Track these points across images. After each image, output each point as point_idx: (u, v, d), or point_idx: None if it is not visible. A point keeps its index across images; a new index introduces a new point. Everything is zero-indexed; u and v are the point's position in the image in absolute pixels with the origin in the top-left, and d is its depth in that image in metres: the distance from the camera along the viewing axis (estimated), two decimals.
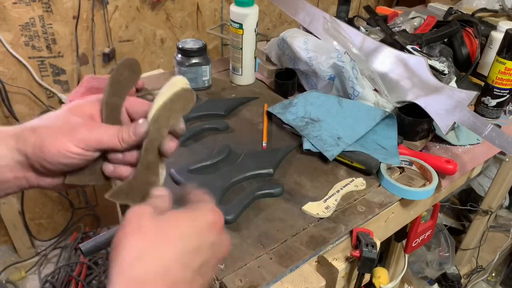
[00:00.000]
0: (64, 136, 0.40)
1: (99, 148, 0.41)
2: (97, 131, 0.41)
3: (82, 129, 0.41)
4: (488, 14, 1.24)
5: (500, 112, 0.97)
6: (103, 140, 0.41)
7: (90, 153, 0.41)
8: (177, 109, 0.41)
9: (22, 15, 1.26)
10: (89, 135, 0.40)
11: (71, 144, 0.40)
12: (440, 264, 1.38)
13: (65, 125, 0.41)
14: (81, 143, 0.40)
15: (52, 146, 0.39)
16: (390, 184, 0.73)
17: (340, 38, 0.92)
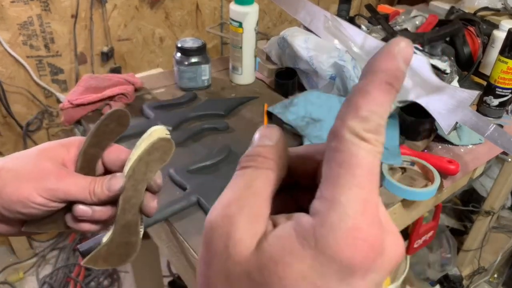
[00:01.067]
0: (29, 183, 0.36)
1: (65, 199, 0.37)
2: (67, 182, 0.37)
3: (51, 178, 0.36)
4: (490, 13, 1.24)
5: (503, 111, 0.96)
6: (71, 192, 0.37)
7: (55, 204, 0.37)
8: (154, 161, 0.38)
9: (20, 14, 1.25)
10: (56, 185, 0.36)
11: (35, 193, 0.36)
12: (442, 265, 1.38)
13: (32, 170, 0.37)
14: (47, 192, 0.36)
15: (13, 193, 0.35)
16: (391, 185, 0.72)
17: (341, 37, 0.91)
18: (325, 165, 0.19)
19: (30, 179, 0.36)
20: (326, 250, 0.17)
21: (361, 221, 0.17)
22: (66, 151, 0.40)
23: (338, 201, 0.17)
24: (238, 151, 0.77)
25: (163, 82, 1.02)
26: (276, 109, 0.88)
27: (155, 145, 0.37)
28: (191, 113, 0.88)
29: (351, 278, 0.17)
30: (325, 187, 0.18)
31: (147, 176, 0.38)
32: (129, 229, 0.39)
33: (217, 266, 0.19)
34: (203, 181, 0.68)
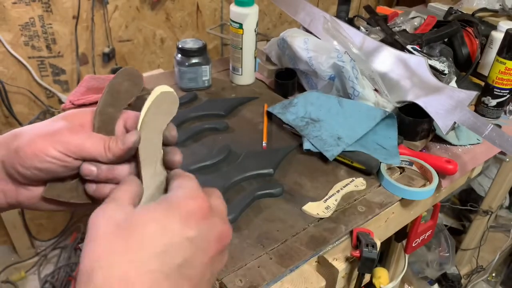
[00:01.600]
0: (44, 139, 0.36)
1: (80, 155, 0.37)
2: (80, 136, 0.37)
3: (65, 132, 0.37)
4: (488, 14, 1.24)
5: (501, 112, 0.96)
6: (85, 146, 0.36)
7: (70, 159, 0.36)
8: (162, 114, 0.38)
9: (22, 15, 1.26)
10: (70, 139, 0.36)
11: (49, 147, 0.35)
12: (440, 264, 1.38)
13: (47, 128, 0.37)
14: (61, 146, 0.36)
15: (28, 148, 0.36)
16: (390, 184, 0.72)
17: (340, 38, 0.91)
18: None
19: (45, 135, 0.36)
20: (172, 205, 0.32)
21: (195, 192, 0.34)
22: (83, 115, 0.40)
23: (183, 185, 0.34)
24: (238, 151, 0.78)
25: (164, 83, 1.03)
26: (276, 110, 0.88)
27: (159, 97, 0.37)
28: (191, 113, 0.89)
29: (189, 220, 0.31)
30: (174, 182, 0.36)
31: (159, 128, 0.38)
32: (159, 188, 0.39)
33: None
34: (203, 181, 0.69)
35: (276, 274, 0.56)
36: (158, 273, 0.29)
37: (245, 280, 0.55)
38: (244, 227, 0.63)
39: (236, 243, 0.60)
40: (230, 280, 0.55)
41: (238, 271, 0.56)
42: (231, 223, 0.63)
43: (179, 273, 0.30)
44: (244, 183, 0.72)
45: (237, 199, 0.66)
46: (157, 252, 0.29)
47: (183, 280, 0.30)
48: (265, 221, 0.65)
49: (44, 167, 0.36)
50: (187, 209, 0.32)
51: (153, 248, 0.29)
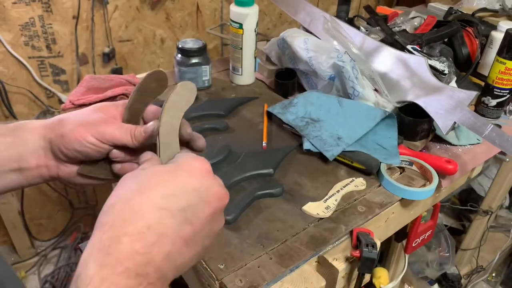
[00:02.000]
0: (85, 127, 0.45)
1: (112, 142, 0.45)
2: (113, 127, 0.45)
3: (101, 123, 0.45)
4: (488, 14, 1.24)
5: (500, 112, 0.96)
6: (116, 135, 0.45)
7: (104, 145, 0.45)
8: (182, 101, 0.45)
9: (22, 15, 1.26)
10: (105, 129, 0.45)
11: (88, 135, 0.44)
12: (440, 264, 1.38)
13: (87, 119, 0.46)
14: (98, 134, 0.44)
15: (71, 134, 0.44)
16: (390, 184, 0.72)
17: (340, 38, 0.91)
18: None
19: (85, 124, 0.45)
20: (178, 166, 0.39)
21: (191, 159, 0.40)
22: (115, 108, 0.48)
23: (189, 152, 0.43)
24: (238, 151, 0.78)
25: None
26: (276, 110, 0.88)
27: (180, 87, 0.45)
28: (191, 113, 0.89)
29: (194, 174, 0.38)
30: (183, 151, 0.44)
31: (178, 115, 0.45)
32: None
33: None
34: None
35: (276, 274, 0.56)
36: (165, 211, 0.34)
37: (245, 280, 0.55)
38: (244, 227, 0.63)
39: (236, 243, 0.60)
40: (230, 280, 0.55)
41: (238, 271, 0.56)
42: (231, 223, 0.63)
43: (183, 216, 0.35)
44: (244, 183, 0.72)
45: (237, 199, 0.66)
46: (167, 193, 0.36)
47: (186, 223, 0.35)
48: (265, 221, 0.65)
49: (82, 150, 0.45)
50: (193, 166, 0.39)
51: (164, 189, 0.36)
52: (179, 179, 0.37)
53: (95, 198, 1.73)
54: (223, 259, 0.58)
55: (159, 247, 0.33)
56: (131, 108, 0.47)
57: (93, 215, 1.75)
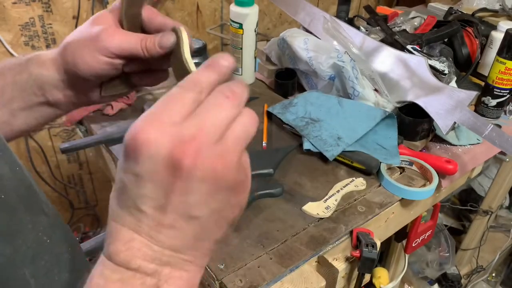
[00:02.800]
0: (89, 48, 0.42)
1: (122, 54, 0.42)
2: (118, 38, 0.42)
3: (104, 36, 0.42)
4: (488, 14, 1.24)
5: (501, 112, 0.96)
6: (125, 47, 0.42)
7: (117, 60, 0.43)
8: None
9: (22, 15, 1.26)
10: (111, 42, 0.42)
11: (97, 54, 0.42)
12: (440, 264, 1.38)
13: (89, 36, 0.42)
14: (106, 51, 0.42)
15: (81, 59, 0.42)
16: (390, 184, 0.72)
17: (340, 38, 0.91)
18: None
19: (90, 44, 0.42)
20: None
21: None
22: (113, 15, 0.44)
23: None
24: None
25: (164, 83, 1.03)
26: (276, 110, 0.88)
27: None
28: None
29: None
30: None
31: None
32: None
33: None
34: None
35: (276, 274, 0.56)
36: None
37: (245, 280, 0.55)
38: (244, 227, 0.63)
39: (236, 243, 0.60)
40: (230, 280, 0.55)
41: (238, 271, 0.56)
42: None
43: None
44: None
45: None
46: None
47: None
48: (265, 221, 0.65)
49: (99, 73, 0.43)
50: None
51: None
52: None
53: (95, 198, 1.73)
54: (223, 259, 0.58)
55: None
56: (127, 14, 0.43)
57: (93, 215, 1.75)
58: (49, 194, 1.63)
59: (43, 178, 1.53)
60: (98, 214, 1.75)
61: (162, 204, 0.28)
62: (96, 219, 1.77)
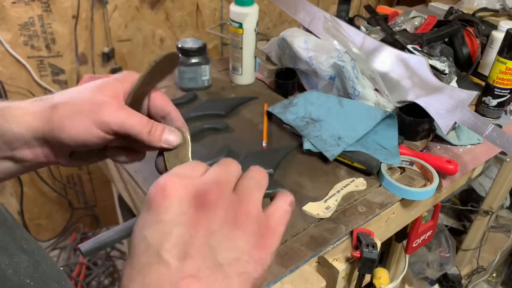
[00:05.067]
0: (87, 117, 0.37)
1: (120, 132, 0.38)
2: (121, 114, 0.38)
3: (105, 108, 0.38)
4: (489, 14, 1.24)
5: (501, 112, 0.96)
6: (127, 126, 0.38)
7: (110, 137, 0.39)
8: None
9: (21, 15, 1.25)
10: (111, 117, 0.38)
11: (93, 126, 0.37)
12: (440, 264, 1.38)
13: (89, 103, 0.38)
14: (103, 125, 0.37)
15: (71, 126, 0.37)
16: (390, 184, 0.72)
17: (341, 37, 0.91)
18: None
19: (87, 113, 0.37)
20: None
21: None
22: (121, 86, 0.40)
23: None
24: (238, 151, 0.78)
25: (164, 83, 1.03)
26: (276, 109, 0.88)
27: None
28: (191, 113, 0.89)
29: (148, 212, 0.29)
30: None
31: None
32: None
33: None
34: None
35: (276, 274, 0.56)
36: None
37: None
38: None
39: None
40: None
41: None
42: None
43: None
44: None
45: None
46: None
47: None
48: None
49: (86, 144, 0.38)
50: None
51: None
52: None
53: (94, 198, 1.73)
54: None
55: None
56: (138, 92, 0.40)
57: (92, 215, 1.75)
58: (48, 194, 1.62)
59: (42, 178, 1.53)
60: (97, 214, 1.75)
61: (185, 249, 0.27)
62: (95, 219, 1.77)
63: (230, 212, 0.29)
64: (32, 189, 1.58)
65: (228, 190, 0.30)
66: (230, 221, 0.29)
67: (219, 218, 0.28)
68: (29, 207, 1.61)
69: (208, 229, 0.28)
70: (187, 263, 0.27)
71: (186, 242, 0.28)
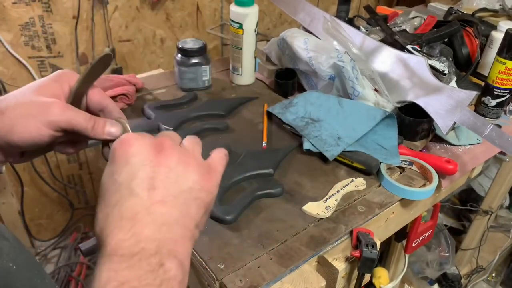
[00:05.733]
0: (36, 119, 0.41)
1: (67, 129, 0.43)
2: (68, 114, 0.42)
3: (51, 109, 0.41)
4: (488, 14, 1.24)
5: (500, 112, 0.96)
6: (74, 123, 0.42)
7: (58, 134, 0.43)
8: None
9: (22, 15, 1.26)
10: (59, 117, 0.42)
11: (42, 127, 0.41)
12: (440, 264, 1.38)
13: (34, 105, 0.41)
14: (51, 125, 0.41)
15: (23, 131, 0.41)
16: (390, 184, 0.72)
17: (340, 38, 0.91)
18: None
19: (36, 115, 0.41)
20: None
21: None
22: (60, 87, 0.44)
23: None
24: (238, 151, 0.78)
25: (164, 83, 1.03)
26: (276, 110, 0.88)
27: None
28: (191, 114, 0.89)
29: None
30: None
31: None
32: None
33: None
34: None
35: (276, 274, 0.56)
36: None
37: (245, 280, 0.55)
38: (244, 227, 0.63)
39: (236, 243, 0.60)
40: (230, 280, 0.55)
41: (238, 271, 0.56)
42: (231, 223, 0.63)
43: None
44: (244, 183, 0.72)
45: (237, 199, 0.66)
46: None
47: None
48: (265, 221, 0.65)
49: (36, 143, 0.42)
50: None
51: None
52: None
53: (95, 198, 1.73)
54: (223, 259, 0.58)
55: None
56: (77, 92, 0.45)
57: (93, 215, 1.75)
58: (49, 194, 1.63)
59: (43, 178, 1.53)
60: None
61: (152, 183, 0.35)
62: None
63: (182, 156, 0.38)
64: (33, 189, 1.58)
65: (178, 143, 0.40)
66: (183, 162, 0.37)
67: (175, 159, 0.37)
68: (30, 207, 1.61)
69: (167, 167, 0.36)
70: (155, 193, 0.35)
71: (152, 177, 0.35)
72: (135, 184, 0.34)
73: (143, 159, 0.36)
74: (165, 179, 0.36)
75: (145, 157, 0.36)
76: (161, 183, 0.35)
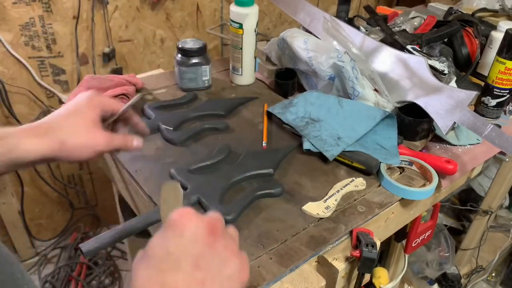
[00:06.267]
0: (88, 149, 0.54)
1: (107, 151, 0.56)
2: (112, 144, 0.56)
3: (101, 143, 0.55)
4: (488, 14, 1.24)
5: (500, 112, 0.96)
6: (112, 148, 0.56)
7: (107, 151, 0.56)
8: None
9: (22, 15, 1.26)
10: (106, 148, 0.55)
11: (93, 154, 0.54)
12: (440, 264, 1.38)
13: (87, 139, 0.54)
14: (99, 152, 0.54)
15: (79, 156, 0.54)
16: (390, 184, 0.72)
17: (340, 38, 0.91)
18: None
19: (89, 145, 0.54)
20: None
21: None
22: (95, 114, 0.56)
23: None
24: (238, 151, 0.78)
25: (164, 83, 1.03)
26: (276, 110, 0.88)
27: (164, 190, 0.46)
28: (191, 113, 0.89)
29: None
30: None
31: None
32: None
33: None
34: (204, 181, 0.69)
35: (276, 274, 0.57)
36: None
37: None
38: (244, 227, 0.63)
39: None
40: None
41: None
42: (231, 223, 0.63)
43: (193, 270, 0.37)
44: (244, 183, 0.72)
45: (237, 199, 0.66)
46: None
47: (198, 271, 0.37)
48: (265, 221, 0.65)
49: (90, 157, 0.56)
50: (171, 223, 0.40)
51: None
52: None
53: (95, 198, 1.74)
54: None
55: None
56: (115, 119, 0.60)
57: (93, 215, 1.75)
58: (49, 194, 1.63)
59: (43, 178, 1.54)
60: (98, 214, 1.75)
61: (197, 260, 0.36)
62: (96, 219, 1.77)
63: (229, 243, 0.40)
64: (33, 189, 1.58)
65: (224, 229, 0.41)
66: (229, 249, 0.39)
67: (222, 244, 0.39)
68: (30, 207, 1.61)
69: (214, 250, 0.38)
70: (198, 272, 0.36)
71: (199, 255, 0.37)
72: (183, 258, 0.36)
73: (197, 236, 0.38)
74: (210, 261, 0.37)
75: (199, 235, 0.38)
76: (205, 263, 0.37)
